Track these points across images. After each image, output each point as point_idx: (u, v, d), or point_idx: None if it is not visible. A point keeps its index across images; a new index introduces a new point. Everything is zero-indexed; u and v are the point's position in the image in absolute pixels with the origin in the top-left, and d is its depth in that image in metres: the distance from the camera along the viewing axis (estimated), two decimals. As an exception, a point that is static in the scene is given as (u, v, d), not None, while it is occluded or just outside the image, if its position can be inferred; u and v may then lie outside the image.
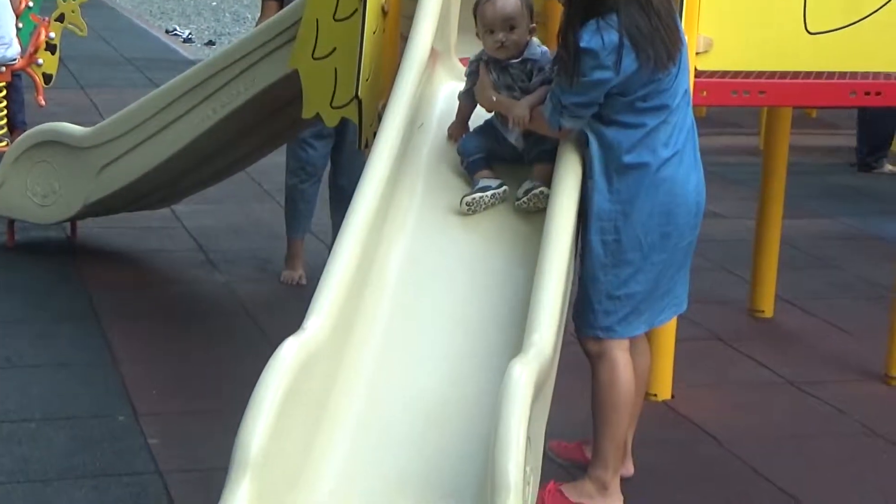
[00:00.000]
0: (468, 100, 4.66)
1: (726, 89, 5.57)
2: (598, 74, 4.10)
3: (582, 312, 4.38)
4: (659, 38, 4.12)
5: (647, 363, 4.71)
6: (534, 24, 4.54)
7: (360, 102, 5.22)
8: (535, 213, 4.39)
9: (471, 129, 4.65)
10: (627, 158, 4.21)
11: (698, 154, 4.42)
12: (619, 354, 4.37)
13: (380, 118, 4.74)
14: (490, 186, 4.44)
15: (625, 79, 4.12)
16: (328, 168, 7.30)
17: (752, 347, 6.45)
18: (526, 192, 4.39)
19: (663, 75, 4.16)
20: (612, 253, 4.26)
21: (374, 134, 4.66)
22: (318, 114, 5.71)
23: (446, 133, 4.72)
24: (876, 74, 5.79)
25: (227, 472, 3.52)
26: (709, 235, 8.25)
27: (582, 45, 4.09)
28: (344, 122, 5.76)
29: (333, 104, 5.59)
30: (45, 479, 4.69)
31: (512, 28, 4.46)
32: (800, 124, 10.50)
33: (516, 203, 4.44)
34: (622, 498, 4.45)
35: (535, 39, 4.57)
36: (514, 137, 4.52)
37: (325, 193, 7.33)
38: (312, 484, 3.80)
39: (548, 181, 4.39)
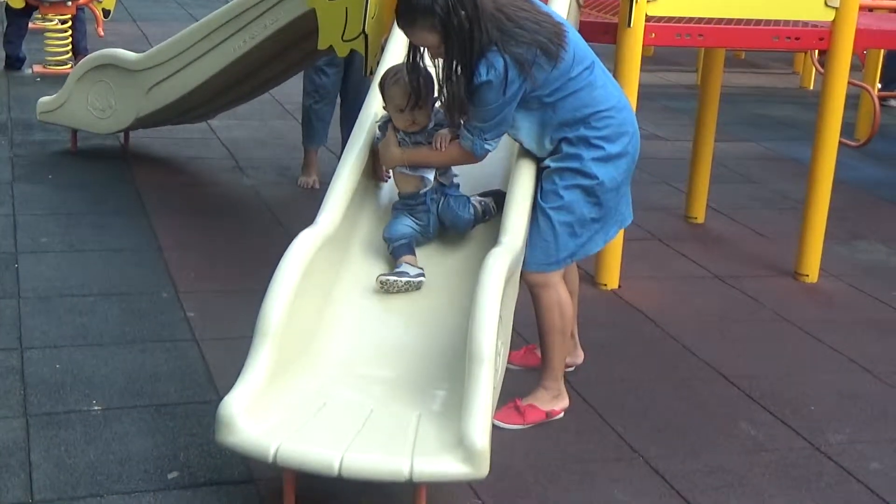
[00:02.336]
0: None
1: (671, 32, 5.54)
2: (511, 90, 3.85)
3: (544, 251, 4.10)
4: (543, 37, 3.87)
5: (576, 276, 4.57)
6: (436, 95, 4.12)
7: (366, 37, 5.17)
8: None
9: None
10: (588, 119, 4.01)
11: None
12: (559, 280, 4.19)
13: (382, 50, 4.70)
14: (407, 273, 4.03)
15: (535, 83, 3.89)
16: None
17: (687, 247, 6.45)
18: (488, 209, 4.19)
19: (562, 57, 3.91)
20: (596, 194, 4.05)
21: (378, 63, 4.62)
22: (331, 46, 5.65)
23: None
24: (795, 22, 5.76)
25: (252, 339, 3.54)
26: (653, 154, 8.31)
27: (483, 79, 3.82)
28: (352, 52, 5.70)
29: (344, 38, 5.52)
30: (101, 343, 4.70)
31: (421, 107, 4.11)
32: (731, 64, 10.44)
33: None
34: (567, 396, 4.36)
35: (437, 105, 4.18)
36: (431, 174, 4.14)
37: (338, 113, 7.29)
38: (322, 349, 3.83)
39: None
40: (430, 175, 4.15)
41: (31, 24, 10.33)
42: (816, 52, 9.85)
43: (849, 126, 8.72)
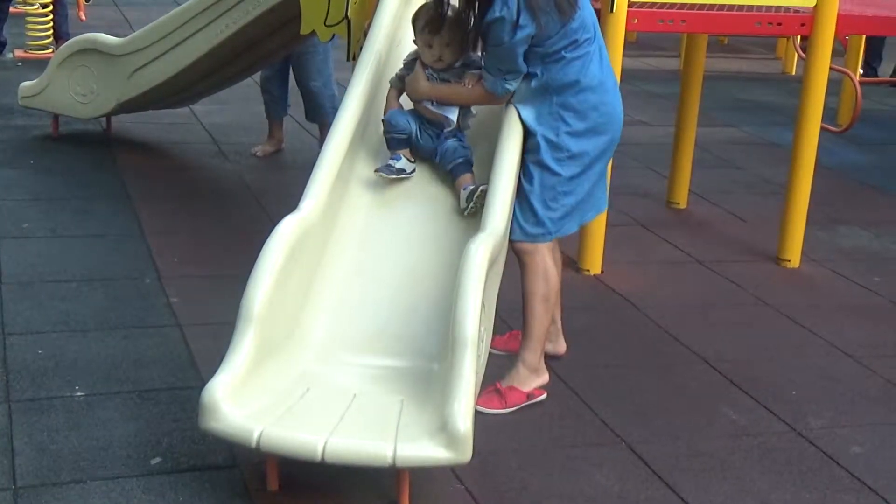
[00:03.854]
0: (399, 84, 4.34)
1: (654, 18, 5.54)
2: (521, 33, 3.95)
3: (522, 220, 4.18)
4: None
5: (559, 259, 4.54)
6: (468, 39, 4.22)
7: (349, 22, 5.17)
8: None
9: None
10: (573, 90, 4.09)
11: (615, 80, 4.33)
12: (547, 252, 4.24)
13: (365, 35, 4.69)
14: (405, 171, 4.22)
15: (542, 33, 3.98)
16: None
17: (669, 233, 6.47)
18: (469, 197, 4.13)
19: (573, 17, 4.02)
20: (566, 167, 4.12)
21: (361, 48, 4.61)
22: (313, 31, 5.64)
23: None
24: (777, 8, 5.77)
25: (235, 325, 3.53)
26: (635, 139, 8.32)
27: (496, 15, 3.92)
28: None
29: (327, 23, 5.52)
30: (83, 329, 4.69)
31: (448, 44, 4.19)
32: (713, 49, 10.45)
33: (463, 209, 4.15)
34: (547, 371, 4.40)
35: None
36: (454, 115, 4.21)
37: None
38: (305, 335, 3.83)
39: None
40: (454, 116, 4.24)
41: (12, 9, 10.28)
42: (798, 37, 9.89)
43: (830, 111, 8.75)
